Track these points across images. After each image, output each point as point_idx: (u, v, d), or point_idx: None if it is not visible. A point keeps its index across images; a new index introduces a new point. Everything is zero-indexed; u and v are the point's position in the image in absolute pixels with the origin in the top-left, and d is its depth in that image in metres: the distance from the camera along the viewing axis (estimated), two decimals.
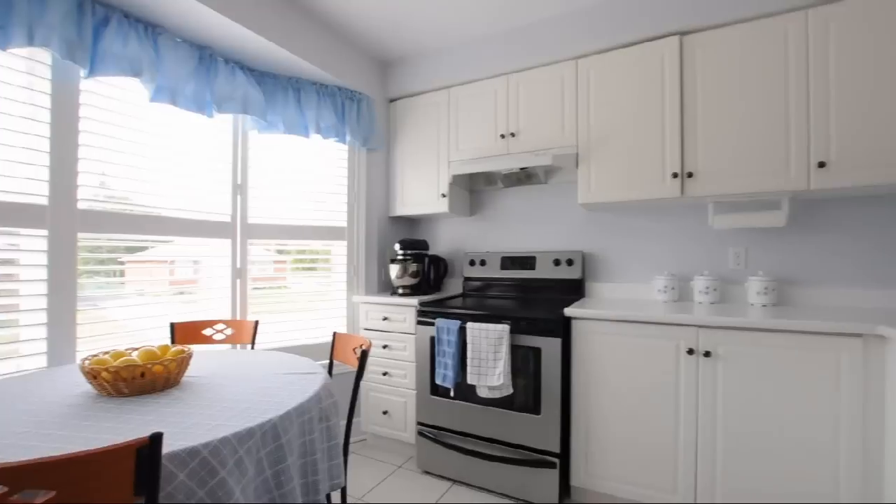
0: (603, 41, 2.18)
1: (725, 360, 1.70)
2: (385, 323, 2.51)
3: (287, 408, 1.10)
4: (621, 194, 2.13)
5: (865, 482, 1.51)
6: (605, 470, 1.92)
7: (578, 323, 1.96)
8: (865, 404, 1.51)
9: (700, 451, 1.74)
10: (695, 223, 2.30)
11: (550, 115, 2.31)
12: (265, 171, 2.43)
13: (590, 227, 2.56)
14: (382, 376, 2.52)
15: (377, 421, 2.55)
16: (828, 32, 1.77)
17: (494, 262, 2.71)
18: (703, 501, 1.74)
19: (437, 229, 3.08)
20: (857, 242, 1.99)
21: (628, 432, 1.87)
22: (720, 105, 1.95)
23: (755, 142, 1.89)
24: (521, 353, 2.02)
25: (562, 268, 2.50)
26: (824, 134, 1.77)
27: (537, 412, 1.99)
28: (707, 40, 1.98)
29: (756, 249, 2.17)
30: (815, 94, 1.79)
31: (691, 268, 2.30)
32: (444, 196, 2.63)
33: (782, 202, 1.97)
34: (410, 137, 2.80)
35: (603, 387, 1.92)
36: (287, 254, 2.63)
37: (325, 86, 2.51)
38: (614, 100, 2.16)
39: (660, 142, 2.05)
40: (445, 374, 2.13)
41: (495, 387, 2.00)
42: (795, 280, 2.10)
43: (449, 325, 2.12)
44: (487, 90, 2.51)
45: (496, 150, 2.46)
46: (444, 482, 2.23)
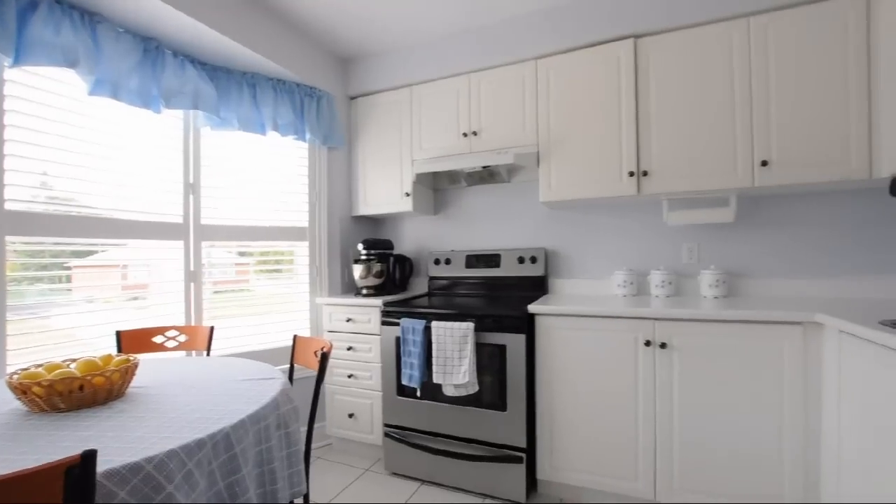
0: (562, 42, 2.22)
1: (680, 350, 1.77)
2: (349, 324, 2.46)
3: (241, 416, 1.05)
4: (581, 192, 2.18)
5: (806, 460, 1.61)
6: (569, 462, 1.96)
7: (541, 319, 1.99)
8: (806, 386, 1.61)
9: (658, 439, 1.81)
10: (651, 220, 2.38)
11: (512, 114, 2.34)
12: (220, 170, 2.33)
13: (552, 225, 2.60)
14: (348, 378, 2.47)
15: (343, 424, 2.50)
16: (766, 39, 1.88)
17: (459, 261, 2.72)
18: (662, 487, 1.80)
19: (402, 229, 3.05)
20: (798, 237, 2.13)
21: (591, 424, 1.92)
22: (672, 106, 2.03)
23: (705, 142, 1.97)
24: (486, 351, 2.03)
25: (526, 265, 2.53)
26: (766, 135, 1.88)
27: (503, 408, 2.00)
28: (659, 44, 2.05)
29: (708, 244, 2.28)
30: (757, 97, 1.89)
31: (648, 263, 2.39)
32: (407, 195, 2.61)
33: (730, 199, 2.07)
34: (373, 136, 2.76)
35: (566, 381, 1.96)
36: (250, 255, 2.54)
37: (282, 82, 2.43)
38: (573, 100, 2.20)
39: (617, 141, 2.11)
40: (411, 374, 2.11)
41: (461, 385, 2.00)
42: (744, 273, 2.22)
43: (414, 325, 2.11)
44: (450, 89, 2.51)
45: (459, 149, 2.46)
46: (413, 483, 2.21)
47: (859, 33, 1.76)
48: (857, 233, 2.03)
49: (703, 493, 1.74)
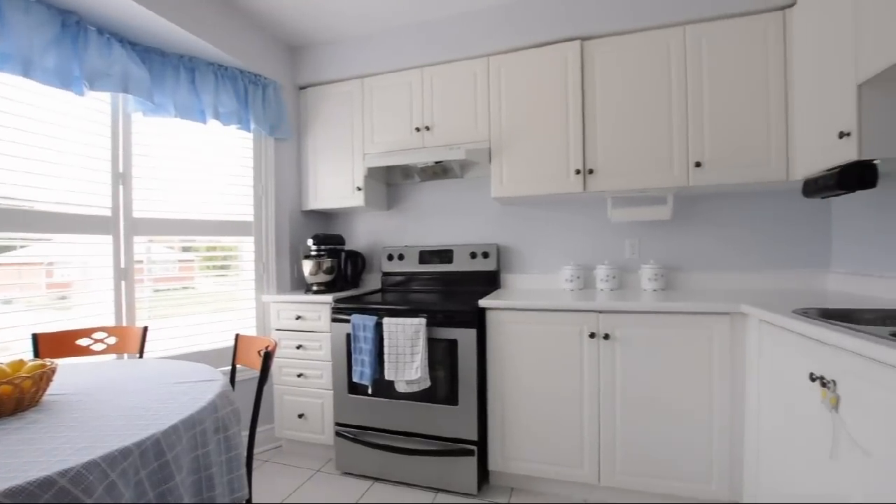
0: (512, 40, 2.26)
1: (622, 341, 1.86)
2: (298, 322, 2.39)
3: (174, 421, 0.99)
4: (531, 189, 2.23)
5: (732, 439, 1.75)
6: (520, 452, 2.01)
7: (492, 313, 2.03)
8: (732, 370, 1.74)
9: (602, 427, 1.89)
10: (596, 216, 2.48)
11: (464, 109, 2.35)
12: (155, 160, 2.17)
13: (504, 221, 2.65)
14: (297, 378, 2.40)
15: (292, 425, 2.43)
16: (700, 48, 2.00)
17: (413, 257, 2.70)
18: (605, 472, 1.89)
19: (354, 224, 2.99)
20: (727, 233, 2.29)
21: (540, 414, 1.97)
22: (616, 107, 2.12)
23: (645, 142, 2.08)
24: (438, 346, 2.04)
25: (478, 260, 2.56)
26: (699, 137, 2.01)
27: (455, 403, 2.02)
28: (604, 47, 2.13)
29: (648, 240, 2.41)
30: (692, 102, 2.01)
31: (594, 258, 2.49)
32: (359, 189, 2.55)
33: (668, 197, 2.20)
34: (323, 127, 2.67)
35: (517, 373, 2.00)
36: (194, 251, 2.40)
37: (224, 67, 2.30)
38: (524, 98, 2.25)
39: (564, 139, 2.18)
40: (363, 371, 2.08)
41: (413, 381, 1.99)
42: (680, 267, 2.36)
43: (365, 321, 2.07)
44: (402, 82, 2.48)
45: (411, 144, 2.44)
46: (365, 481, 2.18)
47: (777, 48, 1.91)
48: (776, 229, 2.22)
49: (642, 475, 1.85)
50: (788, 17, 1.90)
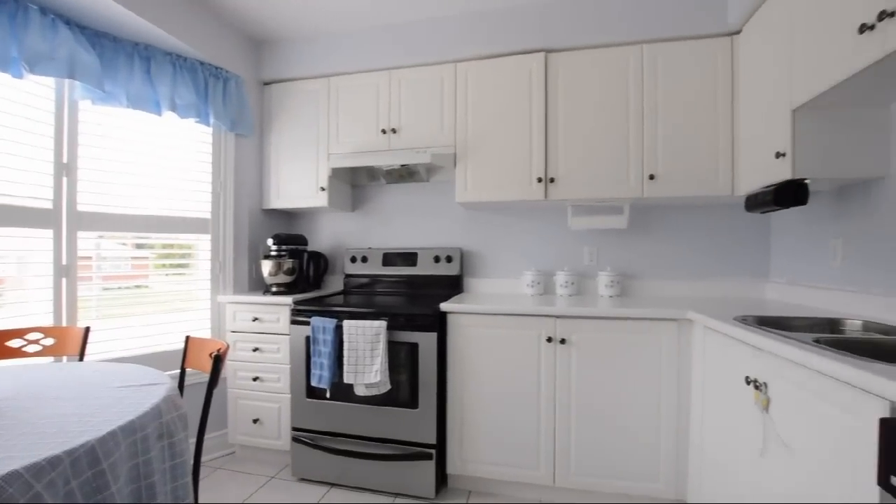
0: (479, 48, 2.29)
1: (578, 346, 1.92)
2: (256, 324, 2.32)
3: (111, 427, 0.94)
4: (494, 195, 2.27)
5: (678, 438, 1.83)
6: (478, 455, 2.03)
7: (453, 317, 2.04)
8: (679, 373, 1.83)
9: (557, 429, 1.94)
10: (557, 224, 2.55)
11: (431, 114, 2.36)
12: (104, 151, 2.06)
13: (468, 225, 2.68)
14: (253, 381, 2.33)
15: (247, 430, 2.35)
16: (656, 66, 2.10)
17: (376, 259, 2.68)
18: (560, 473, 1.94)
19: (318, 224, 2.94)
20: (678, 243, 2.41)
21: (498, 418, 2.00)
22: (577, 119, 2.19)
23: (604, 154, 2.16)
24: (398, 349, 2.03)
25: (442, 264, 2.57)
26: (654, 151, 2.11)
27: (415, 406, 2.02)
28: (567, 60, 2.20)
29: (606, 248, 2.50)
30: (648, 117, 2.11)
31: (554, 264, 2.56)
32: (323, 190, 2.52)
33: (624, 207, 2.29)
34: (287, 125, 2.62)
35: (476, 376, 2.03)
36: (149, 248, 2.28)
37: (183, 58, 2.21)
38: (489, 105, 2.29)
39: (527, 148, 2.23)
40: (321, 374, 2.04)
41: (373, 384, 1.98)
42: (635, 274, 2.47)
43: (325, 324, 2.04)
44: (369, 83, 2.46)
45: (377, 146, 2.43)
46: (322, 487, 2.14)
47: (726, 71, 2.04)
48: (722, 241, 2.36)
49: (595, 476, 1.91)
50: (735, 43, 2.03)
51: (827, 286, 1.84)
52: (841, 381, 0.93)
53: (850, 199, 1.73)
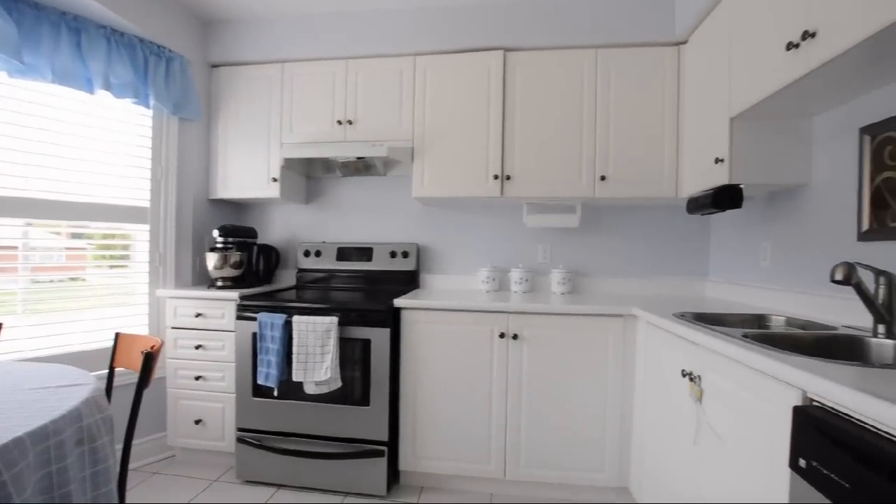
0: (438, 43, 2.28)
1: (530, 341, 1.95)
2: (199, 320, 2.20)
3: (17, 433, 0.85)
4: (451, 190, 2.26)
5: (622, 429, 1.91)
6: (430, 451, 2.03)
7: (406, 313, 2.02)
8: (624, 367, 1.91)
9: (508, 423, 1.97)
10: (513, 221, 2.59)
11: (389, 106, 2.32)
12: (28, 130, 1.87)
13: (425, 221, 2.66)
14: (195, 381, 2.21)
15: (188, 432, 2.23)
16: (609, 71, 2.17)
17: (331, 253, 2.62)
18: (511, 466, 1.97)
19: (270, 217, 2.83)
20: (626, 242, 2.51)
21: (451, 413, 2.01)
22: (533, 118, 2.22)
23: (558, 154, 2.21)
24: (350, 346, 1.99)
25: (398, 260, 2.54)
26: (605, 153, 2.17)
27: (367, 403, 1.99)
28: (525, 59, 2.23)
29: (559, 246, 2.56)
30: (600, 119, 2.18)
31: (509, 261, 2.59)
32: (275, 180, 2.42)
33: (577, 207, 2.35)
34: (237, 111, 2.49)
35: (429, 372, 2.02)
36: (87, 238, 2.11)
37: (120, 34, 2.05)
38: (448, 100, 2.28)
39: (485, 145, 2.24)
40: (268, 372, 1.96)
41: (323, 381, 1.92)
42: (586, 272, 2.54)
43: (273, 320, 1.96)
44: (325, 72, 2.39)
45: (333, 137, 2.36)
46: (268, 489, 2.06)
47: (672, 79, 2.13)
48: (667, 241, 2.48)
49: (544, 467, 1.95)
50: (682, 53, 2.12)
51: (758, 285, 1.98)
52: (762, 373, 1.00)
53: (778, 205, 1.86)
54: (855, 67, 1.22)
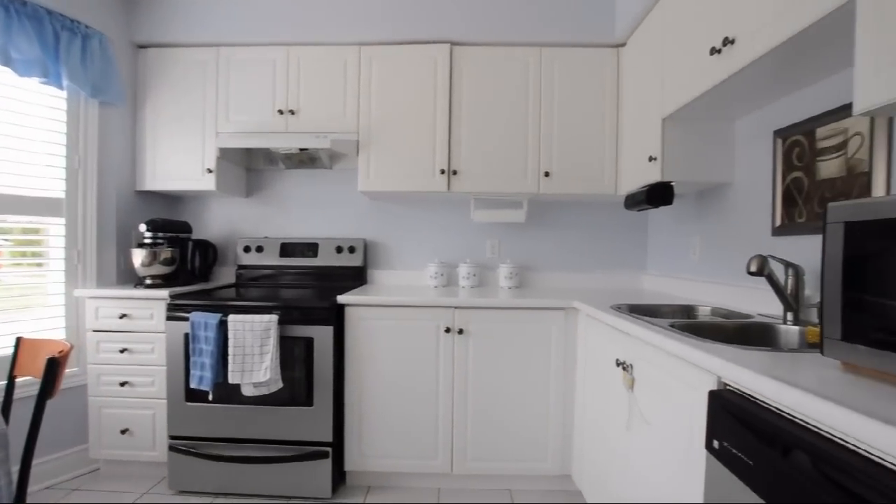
0: (385, 33, 2.23)
1: (475, 335, 1.96)
2: (124, 321, 2.03)
3: None
4: (397, 185, 2.23)
5: (564, 419, 1.97)
6: (377, 449, 1.99)
7: (351, 310, 1.97)
8: (565, 358, 1.96)
9: (455, 418, 1.98)
10: (461, 216, 2.59)
11: (333, 97, 2.25)
12: None
13: (373, 215, 2.61)
14: (121, 387, 2.04)
15: (113, 443, 2.06)
16: (553, 70, 2.22)
17: (273, 249, 2.50)
18: (457, 460, 1.98)
19: (207, 210, 2.66)
20: (570, 237, 2.59)
21: (398, 410, 1.98)
22: (480, 113, 2.23)
23: (504, 149, 2.23)
24: (292, 345, 1.91)
25: (344, 255, 2.48)
26: (549, 150, 2.22)
27: (310, 404, 1.92)
28: (472, 54, 2.23)
29: (507, 241, 2.59)
30: (545, 117, 2.22)
31: (459, 256, 2.60)
32: (210, 171, 2.27)
33: (523, 202, 2.39)
34: (168, 97, 2.32)
35: (375, 370, 1.98)
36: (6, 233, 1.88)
37: (22, 2, 1.84)
38: (394, 93, 2.23)
39: (431, 139, 2.22)
40: (202, 375, 1.85)
41: (262, 383, 1.84)
42: (534, 266, 2.60)
43: (207, 319, 1.85)
44: (266, 58, 2.27)
45: (273, 127, 2.26)
46: (205, 498, 1.95)
47: (612, 79, 2.21)
48: (609, 236, 2.58)
49: (490, 460, 1.98)
50: (621, 55, 2.20)
51: (689, 277, 2.10)
52: (683, 360, 1.05)
53: (706, 202, 1.98)
54: (769, 73, 1.31)
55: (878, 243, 0.73)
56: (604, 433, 1.61)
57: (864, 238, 0.76)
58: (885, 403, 0.63)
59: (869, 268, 0.75)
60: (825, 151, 1.35)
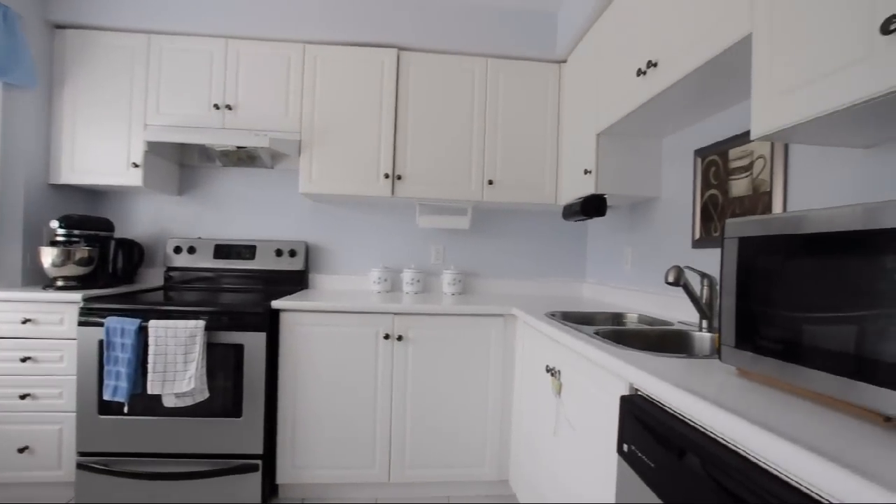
0: (331, 32, 2.18)
1: (415, 342, 1.95)
2: (27, 327, 1.84)
3: None
4: (340, 188, 2.18)
5: (501, 424, 1.99)
6: (312, 460, 1.92)
7: (287, 315, 1.90)
8: (504, 364, 1.99)
9: (393, 426, 1.95)
10: (405, 221, 2.58)
11: (275, 95, 2.17)
12: None
13: (316, 218, 2.54)
14: (20, 400, 1.84)
15: (10, 463, 1.85)
16: (498, 80, 2.27)
17: (207, 251, 2.37)
18: (395, 469, 1.94)
19: (134, 208, 2.48)
20: (512, 245, 2.64)
21: (335, 419, 1.93)
22: (426, 119, 2.23)
23: (449, 156, 2.24)
24: (221, 352, 1.81)
25: (284, 259, 2.39)
26: (493, 159, 2.26)
27: (238, 414, 1.82)
28: (419, 60, 2.24)
29: (451, 247, 2.61)
30: (489, 126, 2.26)
31: (404, 261, 2.58)
32: (136, 166, 2.12)
33: (468, 209, 2.42)
34: (89, 83, 2.14)
35: (311, 378, 1.92)
36: None
37: None
38: (340, 94, 2.19)
39: (376, 143, 2.20)
40: (117, 385, 1.71)
41: (186, 393, 1.72)
42: (478, 273, 2.62)
43: (124, 325, 1.71)
44: (202, 49, 2.16)
45: (208, 122, 2.14)
46: None
47: (554, 93, 2.29)
48: (551, 244, 2.66)
49: (428, 467, 1.96)
50: (563, 70, 2.29)
51: (622, 286, 2.20)
52: (601, 366, 1.09)
53: (637, 214, 2.09)
54: (689, 96, 1.40)
55: (765, 258, 0.80)
56: (536, 438, 1.64)
57: (754, 252, 0.83)
58: (763, 407, 0.68)
59: (758, 280, 0.81)
60: (736, 171, 1.46)
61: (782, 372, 0.74)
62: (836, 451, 0.52)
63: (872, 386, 0.60)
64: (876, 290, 0.60)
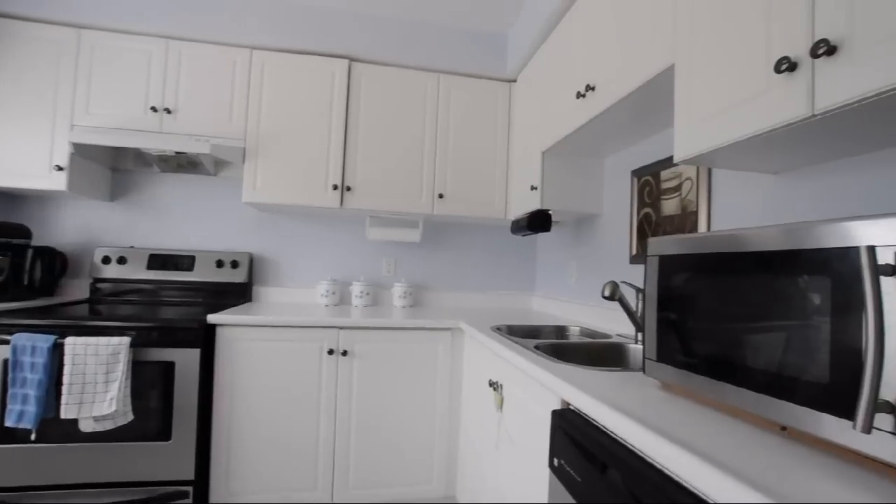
0: (280, 39, 2.13)
1: (361, 357, 1.90)
2: None
3: None
4: (286, 198, 2.12)
5: (449, 440, 1.97)
6: (249, 483, 1.82)
7: (223, 330, 1.80)
8: (451, 377, 1.98)
9: (337, 445, 1.88)
10: (355, 233, 2.54)
11: (218, 99, 2.09)
12: None
13: (262, 229, 2.45)
14: None
15: None
16: (449, 96, 2.30)
17: (139, 261, 2.22)
18: (339, 488, 1.87)
19: (57, 213, 2.29)
20: (466, 258, 2.66)
21: (275, 440, 1.83)
22: (377, 131, 2.22)
23: (400, 169, 2.24)
24: (148, 370, 1.68)
25: (225, 270, 2.27)
26: (444, 172, 2.28)
27: (167, 438, 1.70)
28: (371, 72, 2.23)
29: (403, 260, 2.59)
30: (440, 140, 2.28)
31: (353, 273, 2.53)
32: (60, 169, 1.96)
33: (419, 222, 2.41)
34: (8, 76, 1.97)
35: (250, 396, 1.82)
36: None
37: None
38: (288, 102, 2.14)
39: (325, 153, 2.16)
40: (23, 410, 1.54)
41: (106, 416, 1.58)
42: (429, 286, 2.61)
43: (35, 343, 1.56)
44: (139, 48, 2.05)
45: (144, 125, 2.02)
46: None
47: (504, 111, 2.35)
48: (502, 258, 2.70)
49: (374, 486, 1.90)
50: (513, 89, 2.36)
51: (568, 299, 2.26)
52: (536, 380, 1.10)
53: (581, 230, 2.16)
54: (624, 120, 1.48)
55: (681, 275, 0.84)
56: (481, 453, 1.63)
57: (673, 270, 0.87)
58: (678, 421, 0.71)
59: (676, 297, 0.86)
60: (667, 192, 1.54)
61: (699, 386, 0.78)
62: (729, 458, 0.55)
63: (774, 399, 0.64)
64: (775, 308, 0.65)
